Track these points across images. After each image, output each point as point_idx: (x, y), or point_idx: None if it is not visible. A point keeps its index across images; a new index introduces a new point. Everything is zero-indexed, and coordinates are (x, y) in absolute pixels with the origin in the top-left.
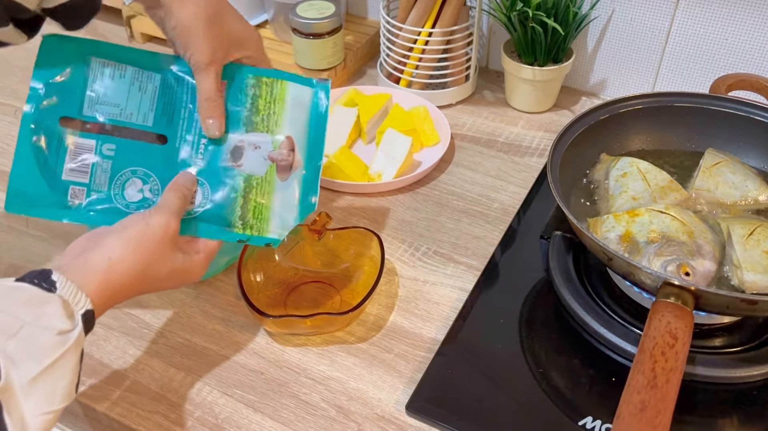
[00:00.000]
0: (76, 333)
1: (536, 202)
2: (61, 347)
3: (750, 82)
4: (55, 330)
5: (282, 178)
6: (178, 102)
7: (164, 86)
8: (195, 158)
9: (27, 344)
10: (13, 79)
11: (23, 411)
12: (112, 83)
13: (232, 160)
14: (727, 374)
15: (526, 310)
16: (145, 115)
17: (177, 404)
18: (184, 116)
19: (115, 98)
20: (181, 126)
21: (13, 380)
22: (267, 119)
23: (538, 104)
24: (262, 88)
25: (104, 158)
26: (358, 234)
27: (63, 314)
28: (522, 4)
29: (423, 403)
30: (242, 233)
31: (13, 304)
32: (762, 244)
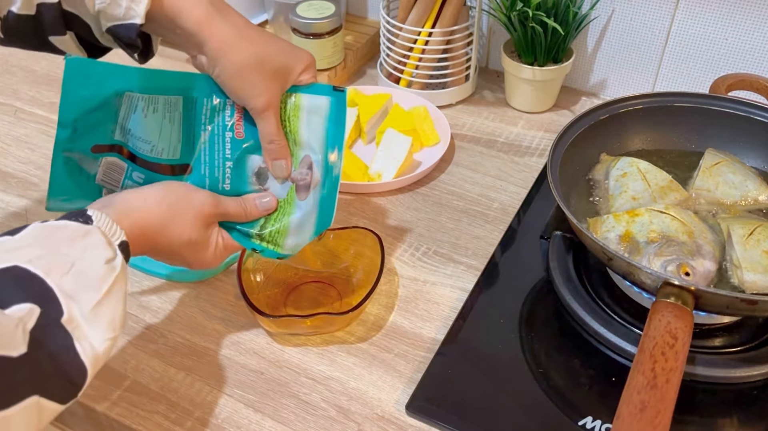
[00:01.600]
0: (120, 260)
1: (536, 202)
2: (111, 275)
3: (750, 82)
4: (102, 259)
5: (301, 197)
6: (198, 127)
7: (186, 111)
8: (222, 183)
9: (81, 278)
10: (12, 79)
11: (90, 337)
12: (144, 119)
13: (257, 183)
14: (727, 374)
15: (526, 310)
16: (174, 149)
17: (177, 404)
18: (205, 140)
19: (147, 134)
20: (203, 151)
21: (74, 312)
22: (286, 137)
23: (538, 104)
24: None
25: (134, 182)
26: (358, 235)
27: (105, 243)
28: (522, 4)
29: (423, 403)
30: (258, 244)
31: (59, 242)
32: (762, 244)
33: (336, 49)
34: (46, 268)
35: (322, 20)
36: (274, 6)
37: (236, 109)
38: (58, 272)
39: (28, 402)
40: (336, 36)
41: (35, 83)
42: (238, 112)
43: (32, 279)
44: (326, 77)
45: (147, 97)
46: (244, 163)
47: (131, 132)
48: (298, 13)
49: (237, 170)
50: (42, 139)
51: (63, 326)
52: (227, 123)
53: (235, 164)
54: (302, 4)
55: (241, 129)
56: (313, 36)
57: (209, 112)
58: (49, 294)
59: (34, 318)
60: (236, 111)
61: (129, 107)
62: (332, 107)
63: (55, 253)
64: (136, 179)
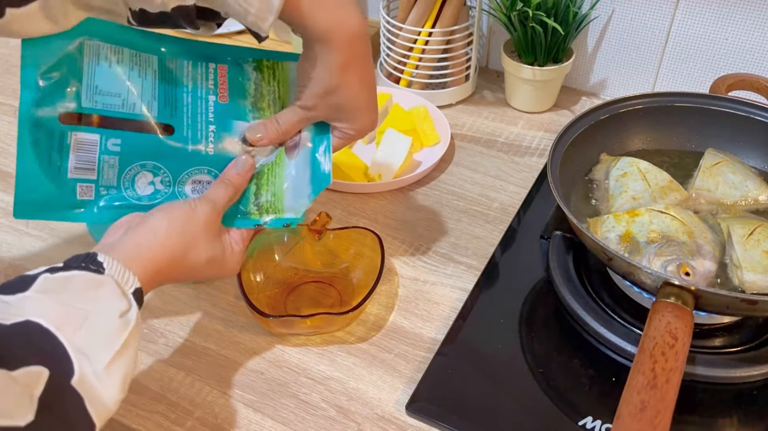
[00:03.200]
0: (134, 313)
1: (536, 202)
2: (125, 329)
3: (750, 82)
4: (117, 312)
5: (290, 157)
6: (179, 88)
7: (163, 71)
8: (205, 147)
9: (95, 333)
10: (13, 79)
11: (103, 397)
12: (109, 69)
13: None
14: (727, 374)
15: (526, 310)
16: (149, 104)
17: (177, 404)
18: (187, 102)
19: (115, 87)
20: (186, 114)
21: (87, 371)
22: (273, 103)
23: (538, 104)
24: (264, 72)
25: (110, 154)
26: (358, 234)
27: (119, 294)
28: (522, 4)
29: (423, 403)
30: (259, 218)
31: (71, 295)
32: (762, 244)
33: None
34: (58, 323)
35: None
36: None
37: (219, 74)
38: (70, 327)
39: None
40: None
41: None
42: (222, 76)
43: (43, 335)
44: None
45: (109, 46)
46: (229, 127)
47: (98, 88)
48: None
49: (220, 134)
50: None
51: (74, 388)
52: (210, 86)
53: (218, 127)
54: None
55: (225, 94)
56: None
57: (191, 74)
58: (61, 352)
59: (43, 381)
60: (219, 75)
61: (91, 58)
62: None
63: (68, 306)
64: (111, 149)
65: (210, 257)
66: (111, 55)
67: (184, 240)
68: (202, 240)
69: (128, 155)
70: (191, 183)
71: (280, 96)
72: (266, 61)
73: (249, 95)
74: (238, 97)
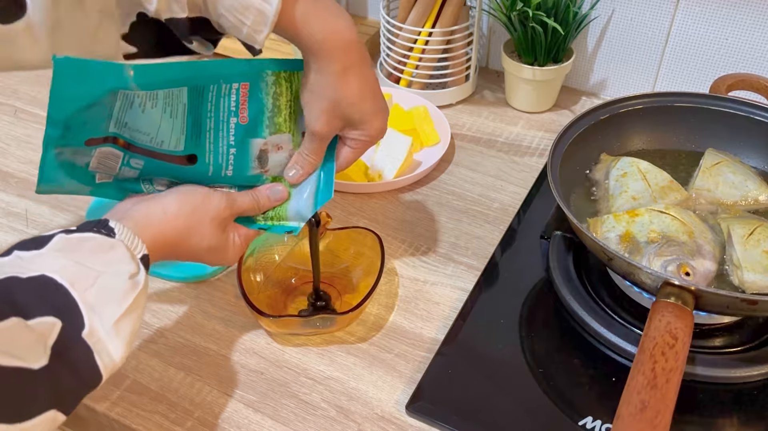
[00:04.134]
0: (143, 276)
1: (536, 202)
2: (134, 290)
3: (750, 82)
4: (126, 274)
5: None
6: (204, 115)
7: (191, 101)
8: (225, 170)
9: (105, 291)
10: (13, 79)
11: (111, 350)
12: (142, 115)
13: (259, 167)
14: (727, 374)
15: (526, 310)
16: (177, 141)
17: (177, 404)
18: (210, 128)
19: (146, 128)
20: (208, 139)
21: (96, 326)
22: (288, 118)
23: (538, 104)
24: (282, 85)
25: (131, 168)
26: (358, 234)
27: (129, 257)
28: (522, 4)
29: (423, 403)
30: (263, 223)
31: (84, 255)
32: (762, 244)
33: None
34: (71, 279)
35: None
36: None
37: (241, 93)
38: (82, 284)
39: (46, 416)
40: None
41: (35, 83)
42: (243, 95)
43: (57, 289)
44: None
45: (144, 93)
46: (247, 147)
47: (128, 125)
48: None
49: (240, 156)
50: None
51: (84, 340)
52: (232, 108)
53: (238, 150)
54: None
55: (246, 113)
56: None
57: (215, 99)
58: (73, 306)
59: (56, 332)
60: (241, 95)
61: (124, 104)
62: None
63: (81, 265)
64: (134, 165)
65: (211, 246)
66: (145, 102)
67: (191, 223)
68: (207, 228)
69: (147, 180)
70: None
71: (294, 110)
72: (284, 73)
73: (267, 110)
74: (256, 114)
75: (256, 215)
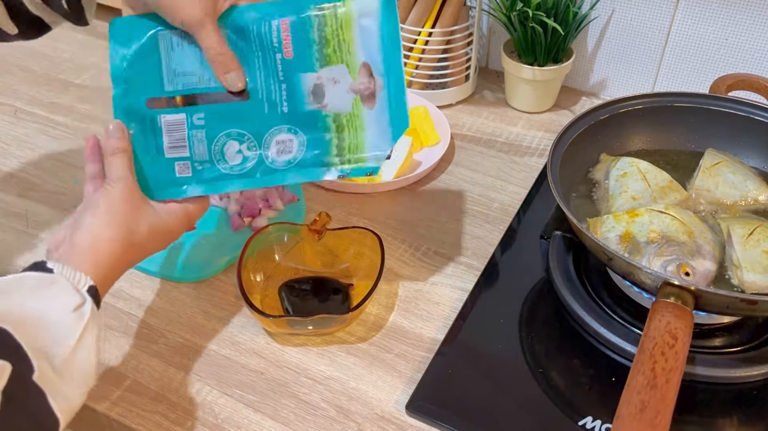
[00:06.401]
0: (89, 306)
1: (536, 202)
2: (80, 323)
3: (750, 82)
4: (69, 307)
5: (369, 107)
6: (250, 52)
7: (230, 41)
8: (281, 107)
9: (49, 331)
10: (13, 79)
11: (65, 391)
12: (183, 53)
13: (315, 102)
14: (727, 374)
15: (526, 310)
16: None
17: (177, 404)
18: (258, 66)
19: (191, 67)
20: (258, 77)
21: (45, 368)
22: (339, 48)
23: (538, 104)
24: (327, 17)
25: (197, 128)
26: (358, 234)
27: (72, 289)
28: (522, 4)
29: (423, 403)
30: (342, 168)
31: (24, 295)
32: (762, 244)
33: None
34: (13, 323)
35: None
36: None
37: (282, 29)
38: (25, 328)
39: None
40: None
41: (35, 83)
42: (284, 31)
43: (3, 334)
44: None
45: (180, 32)
46: (298, 81)
47: (176, 71)
48: None
49: (291, 90)
50: (42, 139)
51: (35, 383)
52: (275, 44)
53: (288, 85)
54: None
55: (290, 48)
56: None
57: (257, 38)
58: (19, 351)
59: (6, 375)
60: (282, 30)
61: (167, 46)
62: (382, 7)
63: (21, 307)
64: (197, 123)
65: (149, 227)
66: (182, 40)
67: (119, 221)
68: (132, 216)
69: (213, 127)
70: (275, 144)
71: (344, 40)
72: (327, 4)
73: (314, 43)
74: (303, 48)
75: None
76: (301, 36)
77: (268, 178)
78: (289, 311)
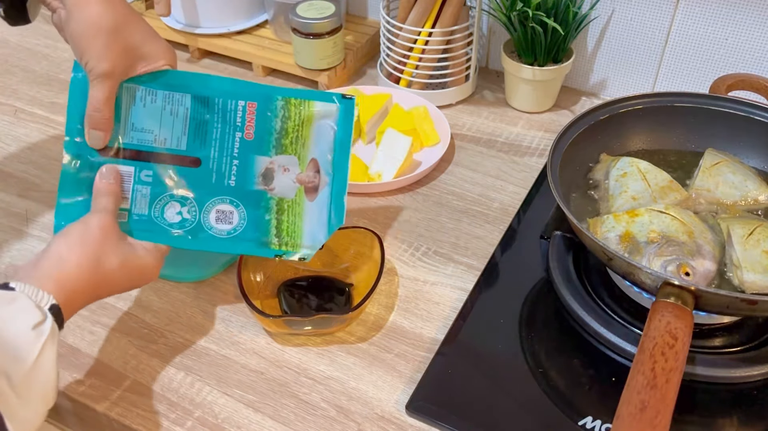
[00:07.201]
0: (49, 324)
1: (536, 202)
2: (38, 340)
3: (750, 82)
4: (29, 324)
5: (310, 199)
6: (209, 124)
7: (195, 107)
8: (228, 180)
9: (7, 350)
10: (13, 79)
11: (23, 413)
12: (144, 110)
13: (263, 183)
14: (727, 374)
15: (526, 310)
16: (178, 140)
17: (177, 404)
18: (216, 137)
19: (149, 124)
20: (214, 147)
21: (4, 387)
22: (295, 142)
23: (538, 104)
24: (291, 110)
25: (143, 184)
26: (358, 234)
27: (32, 306)
28: (522, 4)
29: (423, 403)
30: (278, 249)
31: None
32: (762, 244)
33: (336, 49)
34: None
35: (322, 20)
36: (274, 6)
37: (248, 110)
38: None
39: None
40: (336, 36)
41: (35, 83)
42: (250, 113)
43: None
44: (326, 77)
45: (144, 89)
46: (252, 162)
47: (134, 125)
48: (298, 13)
49: (243, 168)
50: (42, 139)
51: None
52: (238, 123)
53: (241, 162)
54: (302, 4)
55: (252, 131)
56: (313, 36)
57: (220, 111)
58: None
59: None
60: (248, 113)
61: (129, 100)
62: (341, 113)
63: None
64: (144, 179)
65: (122, 260)
66: (146, 96)
67: (88, 250)
68: (106, 246)
69: (159, 186)
70: (215, 212)
71: (302, 135)
72: (294, 100)
73: (275, 131)
74: (263, 133)
75: (271, 240)
76: (266, 123)
77: (203, 243)
78: (288, 311)
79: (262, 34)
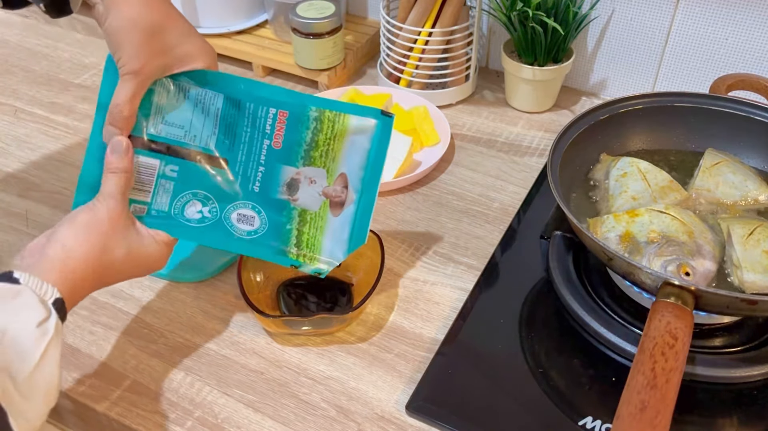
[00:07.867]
0: (53, 322)
1: (536, 202)
2: (43, 339)
3: (750, 82)
4: (34, 322)
5: (334, 214)
6: (240, 126)
7: (226, 108)
8: (252, 185)
9: (12, 347)
10: (13, 79)
11: (26, 411)
12: (177, 104)
13: (287, 193)
14: (727, 374)
15: (526, 310)
16: (208, 138)
17: (177, 404)
18: (244, 140)
19: (179, 120)
20: (242, 151)
21: (8, 385)
22: (325, 155)
23: (538, 104)
24: (324, 123)
25: (167, 179)
26: None
27: (37, 302)
28: (522, 4)
29: (423, 403)
30: (296, 259)
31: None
32: (762, 244)
33: (336, 49)
34: None
35: (322, 20)
36: (274, 6)
37: (278, 119)
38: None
39: None
40: (336, 36)
41: (35, 83)
42: (281, 122)
43: None
44: (326, 77)
45: (179, 84)
46: (278, 171)
47: (164, 118)
48: (298, 13)
49: (268, 176)
50: (42, 139)
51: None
52: (267, 131)
53: (266, 170)
54: (302, 4)
55: (281, 140)
56: (313, 36)
57: (251, 116)
58: None
59: None
60: (278, 121)
61: (162, 92)
62: (377, 129)
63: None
64: (169, 174)
65: (127, 250)
66: (179, 92)
67: (94, 240)
68: (112, 236)
69: (183, 182)
70: (236, 215)
71: (333, 148)
72: (329, 112)
73: (304, 143)
74: (292, 143)
75: (290, 250)
76: (295, 133)
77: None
78: (288, 311)
79: (262, 34)
